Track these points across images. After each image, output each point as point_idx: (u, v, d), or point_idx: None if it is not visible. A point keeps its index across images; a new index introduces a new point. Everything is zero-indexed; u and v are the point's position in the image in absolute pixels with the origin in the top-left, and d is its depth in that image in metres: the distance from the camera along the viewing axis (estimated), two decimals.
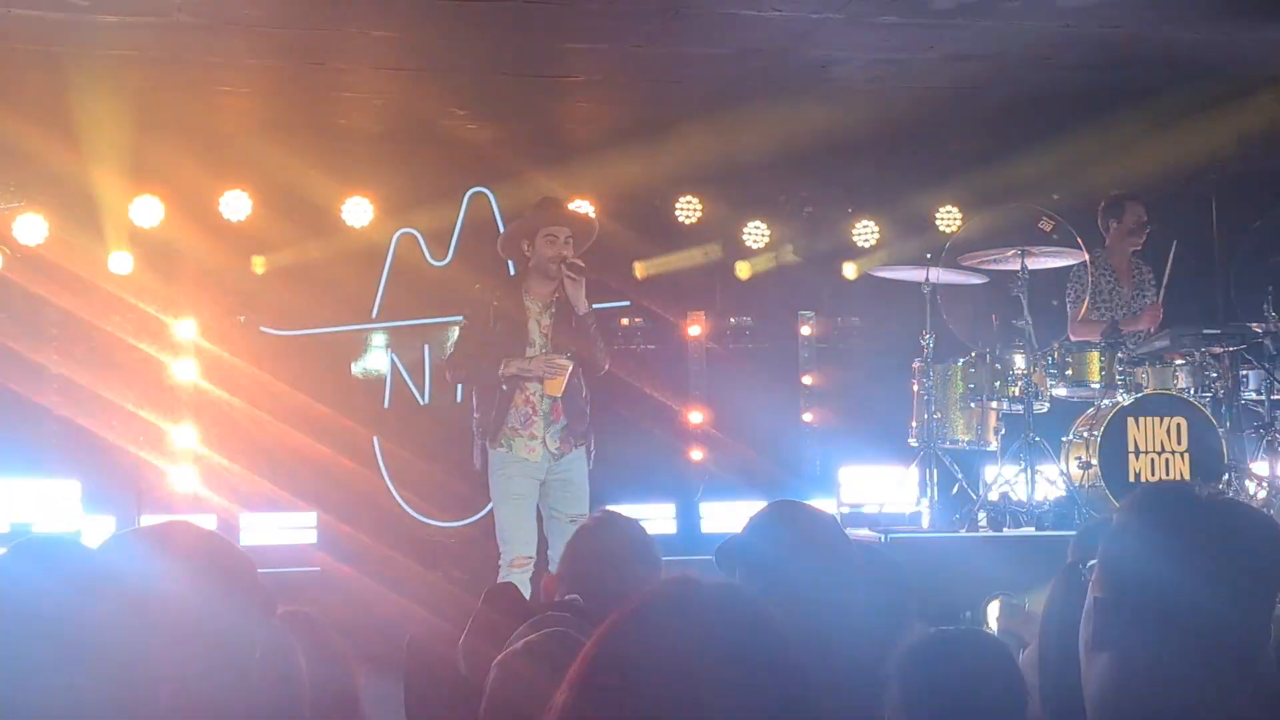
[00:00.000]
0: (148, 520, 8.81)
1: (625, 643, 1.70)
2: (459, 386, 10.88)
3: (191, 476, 10.38)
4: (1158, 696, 2.20)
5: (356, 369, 11.00)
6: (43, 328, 10.30)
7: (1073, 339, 9.45)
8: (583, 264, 7.98)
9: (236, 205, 10.51)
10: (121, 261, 10.32)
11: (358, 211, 10.75)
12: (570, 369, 7.92)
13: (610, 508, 9.50)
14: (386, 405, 10.96)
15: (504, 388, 7.99)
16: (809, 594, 3.19)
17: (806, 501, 3.80)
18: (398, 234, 10.95)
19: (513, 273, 10.16)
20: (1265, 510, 8.28)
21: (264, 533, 10.16)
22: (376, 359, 11.02)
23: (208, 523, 9.68)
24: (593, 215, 8.50)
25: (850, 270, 11.56)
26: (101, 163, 10.07)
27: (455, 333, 9.51)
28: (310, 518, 10.26)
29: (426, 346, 11.00)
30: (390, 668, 4.36)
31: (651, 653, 1.67)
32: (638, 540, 4.15)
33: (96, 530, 9.57)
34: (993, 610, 7.24)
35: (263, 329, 10.75)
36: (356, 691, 2.62)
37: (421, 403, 10.97)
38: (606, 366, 8.27)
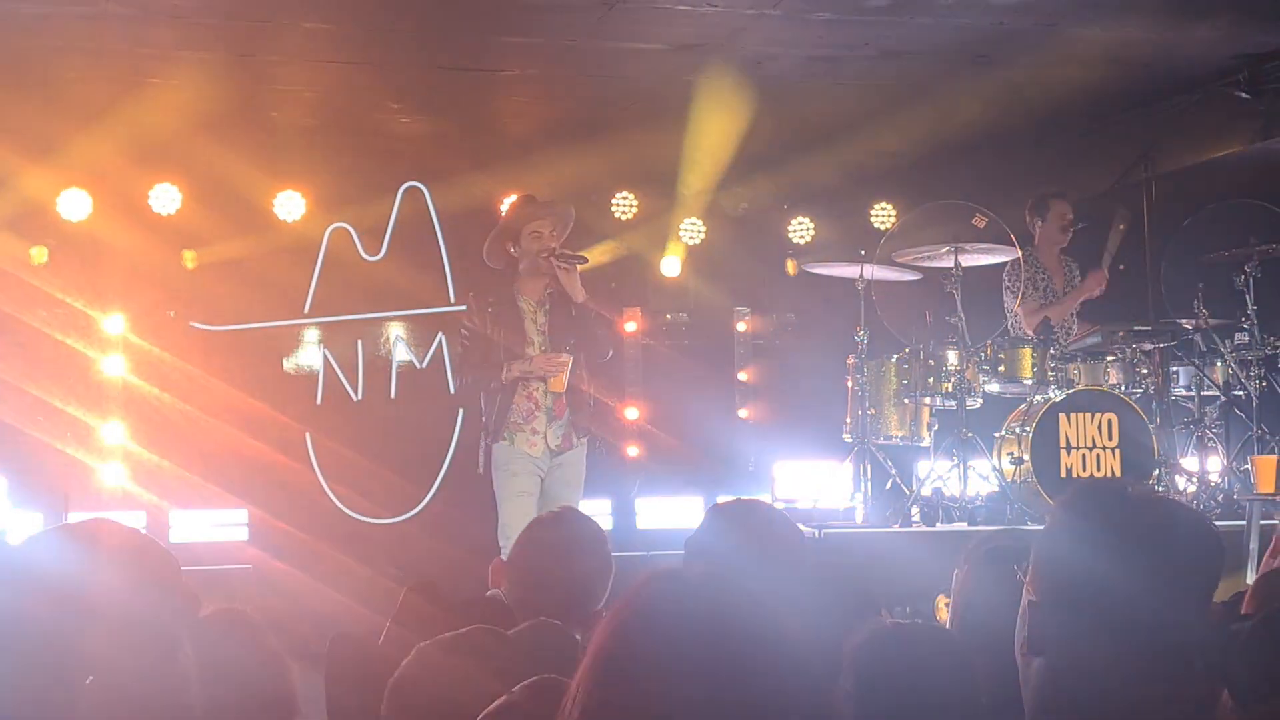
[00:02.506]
0: (75, 517, 8.71)
1: (628, 638, 1.75)
2: (393, 383, 10.85)
3: (120, 473, 10.27)
4: (1096, 699, 2.20)
5: (289, 364, 10.91)
6: None
7: (1030, 332, 9.50)
8: (574, 253, 7.97)
9: (166, 199, 10.40)
10: (48, 255, 10.20)
11: (290, 205, 10.66)
12: (570, 362, 7.91)
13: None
14: (319, 401, 10.88)
15: (500, 394, 7.96)
16: (765, 589, 3.27)
17: (742, 497, 3.86)
18: (330, 228, 10.85)
19: (448, 276, 10.22)
20: (1195, 504, 8.38)
21: (195, 530, 10.07)
22: (309, 354, 10.93)
23: (137, 520, 9.63)
24: (569, 206, 8.40)
25: (791, 267, 11.59)
26: (28, 155, 9.95)
27: (456, 342, 9.31)
28: (242, 514, 10.18)
29: (360, 342, 10.93)
30: (324, 665, 4.32)
31: (655, 643, 1.73)
32: (591, 538, 4.15)
33: (22, 527, 9.45)
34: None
35: (193, 324, 10.64)
36: (292, 689, 2.59)
37: (354, 399, 10.89)
38: (610, 353, 8.30)
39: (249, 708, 2.29)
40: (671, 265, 11.43)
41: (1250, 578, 6.81)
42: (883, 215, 11.66)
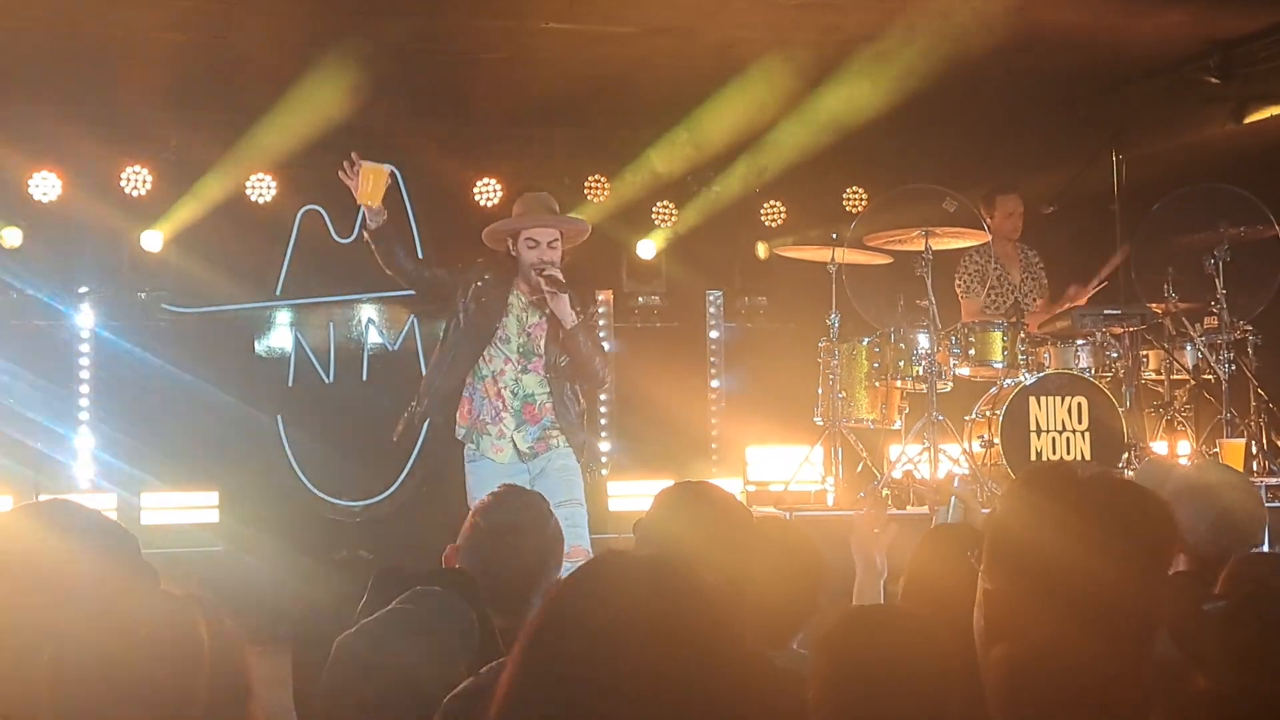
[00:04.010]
0: (46, 499, 8.69)
1: (560, 617, 1.74)
2: (365, 365, 10.83)
3: (91, 454, 10.25)
4: (1058, 681, 2.21)
5: (260, 347, 10.89)
6: None
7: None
8: (561, 277, 7.26)
9: (137, 180, 10.36)
10: (17, 236, 10.17)
11: (261, 187, 10.63)
12: (387, 172, 7.19)
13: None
14: (290, 384, 10.86)
15: (469, 384, 7.35)
16: (707, 563, 3.30)
17: (713, 480, 3.87)
18: (302, 210, 10.83)
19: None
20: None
21: (165, 512, 10.04)
22: (280, 336, 10.91)
23: (108, 501, 9.60)
24: (582, 219, 7.84)
25: (762, 250, 11.60)
26: None
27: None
28: (212, 497, 10.15)
29: (331, 324, 10.91)
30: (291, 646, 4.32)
31: (587, 623, 1.71)
32: (536, 515, 4.13)
33: None
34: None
35: (164, 305, 10.62)
36: (248, 673, 2.60)
37: (326, 381, 10.88)
38: (606, 380, 7.67)
39: (204, 691, 2.30)
40: (647, 248, 11.43)
41: None
42: (854, 199, 11.67)
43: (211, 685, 2.17)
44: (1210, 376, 9.30)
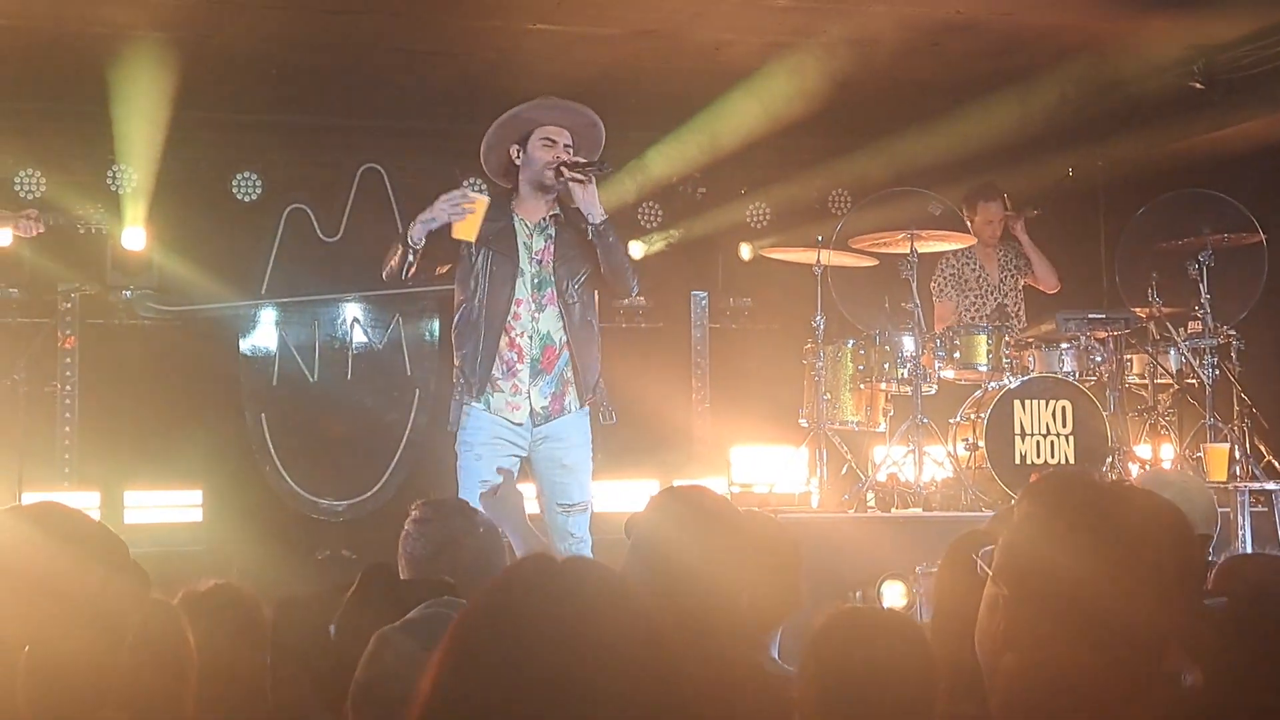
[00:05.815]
0: (29, 498, 8.69)
1: (482, 621, 1.73)
2: (350, 364, 10.80)
3: (75, 453, 10.22)
4: (1069, 694, 2.18)
5: (245, 345, 10.86)
6: None
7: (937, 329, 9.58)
8: (588, 161, 6.65)
9: (123, 178, 10.34)
10: (6, 236, 10.14)
11: (246, 186, 10.62)
12: (485, 202, 6.50)
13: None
14: (275, 383, 10.85)
15: (483, 335, 6.60)
16: (704, 570, 3.31)
17: (699, 481, 3.89)
18: (288, 209, 10.82)
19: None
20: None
21: (148, 511, 10.02)
22: (265, 335, 10.89)
23: (91, 500, 9.57)
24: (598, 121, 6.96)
25: (746, 251, 11.60)
26: None
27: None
28: (196, 495, 10.13)
29: (316, 323, 10.90)
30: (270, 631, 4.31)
31: (510, 628, 1.70)
32: (464, 522, 4.08)
33: None
34: (890, 591, 7.41)
35: (150, 304, 10.60)
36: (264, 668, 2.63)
37: (310, 380, 10.86)
38: (635, 286, 6.96)
39: (191, 695, 2.32)
40: (634, 250, 11.42)
41: None
42: (839, 201, 11.67)
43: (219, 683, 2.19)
44: (1194, 381, 9.31)
